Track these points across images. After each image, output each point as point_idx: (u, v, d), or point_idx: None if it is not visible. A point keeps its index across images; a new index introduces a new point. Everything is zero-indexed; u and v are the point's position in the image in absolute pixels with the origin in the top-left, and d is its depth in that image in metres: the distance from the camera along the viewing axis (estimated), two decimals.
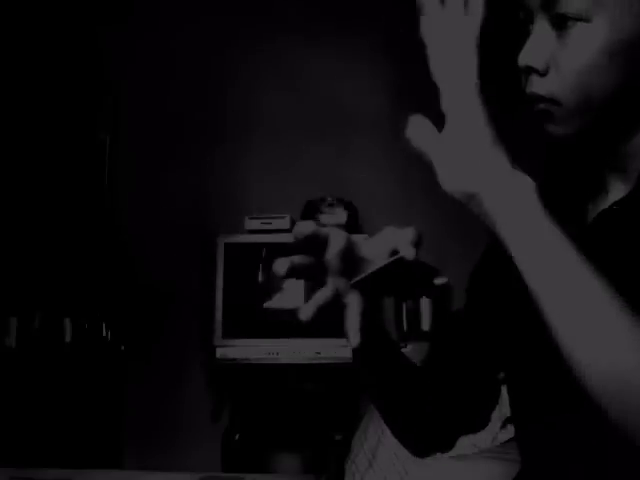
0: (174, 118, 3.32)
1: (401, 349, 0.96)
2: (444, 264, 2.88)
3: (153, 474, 1.60)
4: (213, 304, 2.98)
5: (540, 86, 0.77)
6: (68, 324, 3.00)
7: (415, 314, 2.96)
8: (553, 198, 0.88)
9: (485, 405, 1.00)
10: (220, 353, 2.93)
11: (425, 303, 2.96)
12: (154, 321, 3.19)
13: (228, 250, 3.01)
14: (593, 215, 0.84)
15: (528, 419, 0.90)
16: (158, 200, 3.30)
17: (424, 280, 2.90)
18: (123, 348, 3.13)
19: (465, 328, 0.99)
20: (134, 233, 3.25)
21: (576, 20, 0.74)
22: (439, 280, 2.93)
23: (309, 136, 3.28)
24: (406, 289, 0.82)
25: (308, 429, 2.97)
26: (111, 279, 3.17)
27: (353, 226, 3.00)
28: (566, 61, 0.75)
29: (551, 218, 0.66)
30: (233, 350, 2.93)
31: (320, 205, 3.06)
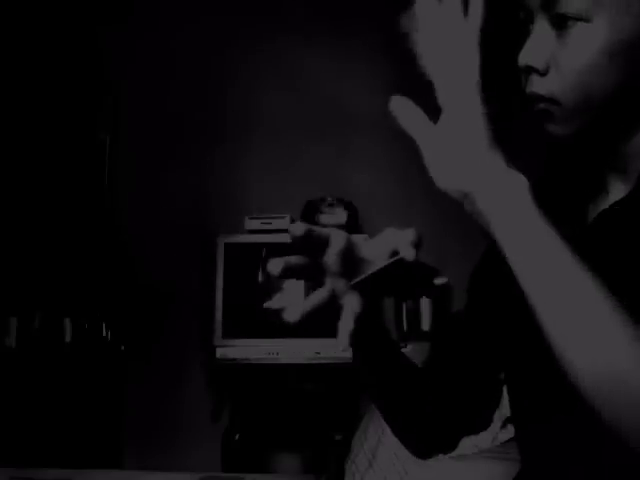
0: (174, 118, 3.31)
1: (401, 349, 0.96)
2: (444, 264, 2.88)
3: (153, 474, 1.60)
4: (213, 304, 2.98)
5: (540, 86, 0.77)
6: (68, 324, 3.00)
7: (415, 314, 2.96)
8: (553, 198, 0.88)
9: (487, 406, 1.00)
10: (220, 353, 2.93)
11: (425, 303, 2.96)
12: (154, 321, 3.19)
13: (228, 250, 3.01)
14: (593, 215, 0.83)
15: (528, 419, 0.90)
16: (158, 200, 3.30)
17: (424, 281, 2.90)
18: (123, 348, 3.12)
19: (466, 329, 0.99)
20: (134, 233, 3.25)
21: (576, 20, 0.74)
22: (439, 280, 2.93)
23: (309, 136, 3.28)
24: (406, 290, 0.82)
25: (308, 429, 2.97)
26: (111, 279, 3.16)
27: (353, 226, 3.00)
28: (566, 61, 0.75)
29: (546, 218, 0.66)
30: (233, 350, 2.93)
31: (320, 205, 3.06)
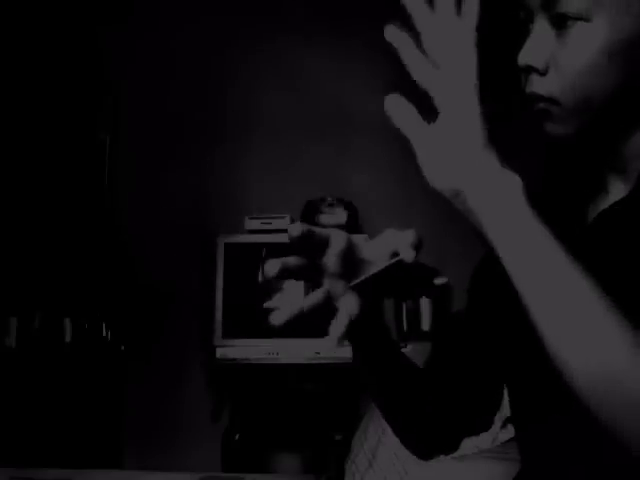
0: (174, 118, 3.31)
1: (401, 349, 0.96)
2: (444, 264, 2.88)
3: (153, 474, 1.60)
4: (213, 304, 2.98)
5: (540, 86, 0.77)
6: (68, 324, 3.00)
7: (415, 314, 2.96)
8: (554, 198, 0.88)
9: (488, 407, 0.99)
10: (220, 353, 2.93)
11: (425, 303, 2.96)
12: (154, 321, 3.18)
13: (228, 250, 3.01)
14: (593, 215, 0.83)
15: (528, 419, 0.89)
16: (158, 200, 3.30)
17: (424, 282, 2.90)
18: (123, 348, 3.12)
19: (467, 330, 0.98)
20: (134, 233, 3.25)
21: (576, 20, 0.73)
22: (439, 280, 2.93)
23: (309, 136, 3.28)
24: (406, 290, 0.82)
25: (308, 429, 2.97)
26: (111, 279, 3.16)
27: (353, 226, 3.00)
28: (566, 61, 0.75)
29: (544, 218, 0.66)
30: (233, 350, 2.93)
31: (320, 205, 3.06)
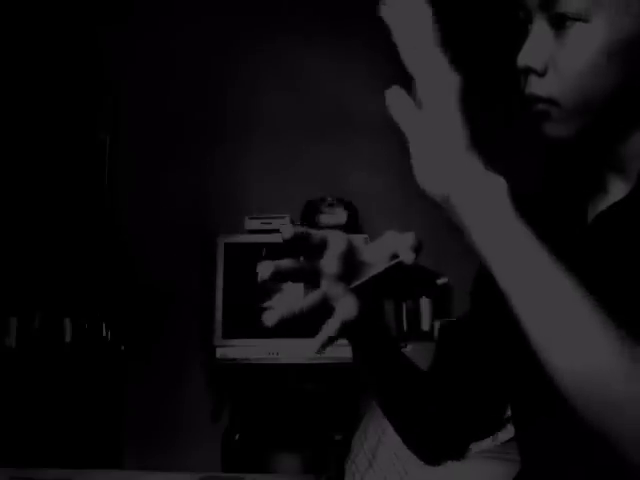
0: (174, 118, 3.32)
1: (401, 349, 0.95)
2: (444, 264, 2.88)
3: (153, 474, 1.60)
4: (213, 304, 2.98)
5: (539, 87, 0.77)
6: (68, 324, 3.00)
7: (415, 314, 2.96)
8: (554, 199, 0.88)
9: (494, 411, 0.99)
10: (220, 353, 2.93)
11: (425, 303, 2.96)
12: (154, 321, 3.19)
13: (228, 250, 3.01)
14: (593, 215, 0.83)
15: (528, 419, 0.89)
16: (158, 200, 3.30)
17: (423, 281, 2.90)
18: (123, 348, 3.13)
19: (470, 333, 0.98)
20: (134, 233, 3.25)
21: (575, 20, 0.73)
22: (439, 280, 2.93)
23: (309, 136, 3.28)
24: (405, 292, 0.82)
25: (308, 429, 2.97)
26: (111, 279, 3.17)
27: (353, 226, 3.00)
28: (565, 61, 0.75)
29: (538, 218, 0.65)
30: (233, 350, 2.93)
31: (320, 205, 3.06)
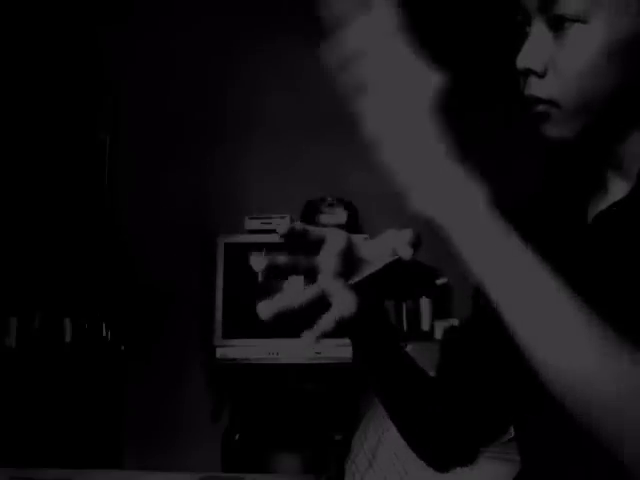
0: (174, 118, 3.32)
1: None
2: (444, 264, 2.88)
3: (153, 474, 1.60)
4: (213, 304, 2.98)
5: (539, 88, 0.77)
6: (68, 324, 3.00)
7: (415, 314, 2.96)
8: (554, 199, 0.88)
9: (502, 413, 0.98)
10: (220, 353, 2.94)
11: (425, 303, 2.96)
12: (154, 321, 3.19)
13: (228, 250, 3.02)
14: (593, 215, 0.83)
15: (528, 419, 0.89)
16: (158, 200, 3.30)
17: (423, 281, 2.90)
18: (123, 348, 3.13)
19: (474, 336, 0.98)
20: (134, 233, 3.26)
21: (574, 21, 0.73)
22: (439, 280, 2.93)
23: (309, 136, 3.28)
24: (405, 290, 0.82)
25: (308, 429, 2.97)
26: (111, 279, 3.17)
27: (353, 226, 3.00)
28: (564, 63, 0.75)
29: (538, 218, 0.65)
30: (233, 350, 2.93)
31: (320, 205, 3.06)
